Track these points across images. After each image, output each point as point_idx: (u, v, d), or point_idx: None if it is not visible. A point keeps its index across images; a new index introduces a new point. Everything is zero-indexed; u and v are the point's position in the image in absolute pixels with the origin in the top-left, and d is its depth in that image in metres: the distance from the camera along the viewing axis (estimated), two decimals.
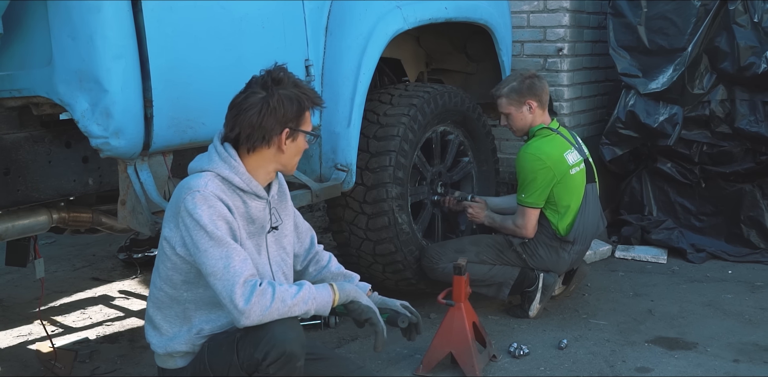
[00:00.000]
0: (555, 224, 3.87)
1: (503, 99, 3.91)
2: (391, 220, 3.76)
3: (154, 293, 2.48)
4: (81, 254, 5.43)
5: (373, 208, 3.74)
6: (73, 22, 2.67)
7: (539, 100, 3.88)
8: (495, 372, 3.35)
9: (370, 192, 3.74)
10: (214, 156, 2.45)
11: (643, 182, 5.25)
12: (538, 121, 3.91)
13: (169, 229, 2.39)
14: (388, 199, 3.73)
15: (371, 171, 3.73)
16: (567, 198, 3.85)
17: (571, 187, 3.86)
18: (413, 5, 3.80)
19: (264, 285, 2.27)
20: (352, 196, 3.76)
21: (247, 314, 2.23)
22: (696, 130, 4.97)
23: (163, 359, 2.51)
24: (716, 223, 5.05)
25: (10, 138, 2.92)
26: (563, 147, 3.87)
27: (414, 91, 3.94)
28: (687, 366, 3.38)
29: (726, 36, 4.73)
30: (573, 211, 3.87)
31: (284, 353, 2.25)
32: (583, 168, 3.91)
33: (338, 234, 3.92)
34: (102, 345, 3.76)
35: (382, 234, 3.78)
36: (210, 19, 2.99)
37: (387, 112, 3.83)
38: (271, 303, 2.24)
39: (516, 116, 3.91)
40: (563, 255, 3.91)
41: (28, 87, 2.83)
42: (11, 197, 2.92)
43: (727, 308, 4.08)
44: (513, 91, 3.87)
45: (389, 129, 3.77)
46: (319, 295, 2.37)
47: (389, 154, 3.74)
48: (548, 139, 3.88)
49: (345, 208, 3.81)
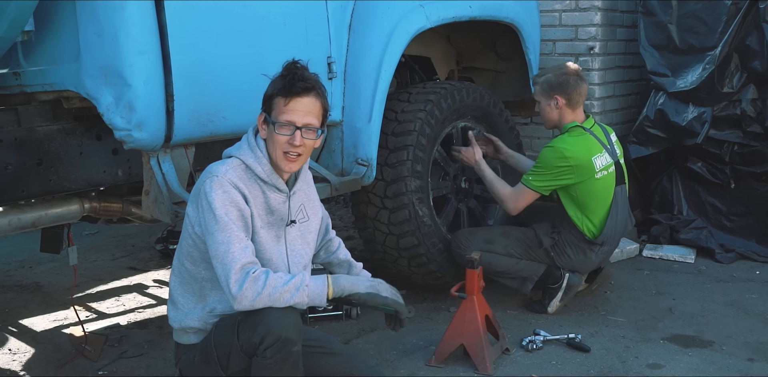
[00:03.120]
0: (582, 227, 3.88)
1: (537, 86, 3.95)
2: (411, 213, 3.82)
3: (177, 267, 2.63)
4: (121, 245, 5.62)
5: (394, 202, 3.81)
6: (99, 20, 2.81)
7: (568, 98, 3.86)
8: (507, 365, 3.40)
9: (390, 186, 3.81)
10: (244, 144, 2.58)
11: (674, 181, 5.23)
12: (568, 119, 3.90)
13: (192, 209, 2.54)
14: (408, 193, 3.80)
15: (390, 166, 3.81)
16: (594, 202, 3.86)
17: (596, 190, 3.85)
18: (436, 4, 3.86)
19: (258, 272, 2.38)
20: (374, 192, 3.84)
21: (239, 299, 2.35)
22: (727, 129, 4.93)
23: (178, 334, 2.66)
24: (747, 224, 5.01)
25: (43, 130, 3.07)
26: (593, 150, 3.83)
27: (431, 89, 4.01)
28: (700, 364, 3.39)
29: (756, 35, 4.68)
30: (601, 214, 3.88)
31: (279, 338, 2.36)
32: (612, 171, 3.89)
33: (363, 231, 4.01)
34: (132, 331, 3.92)
35: (404, 227, 3.85)
36: (231, 17, 3.10)
37: (404, 109, 3.90)
38: (261, 289, 2.35)
39: (543, 108, 3.93)
40: (591, 255, 3.94)
41: (58, 81, 2.99)
42: (44, 186, 3.07)
43: (750, 308, 4.06)
44: (546, 82, 3.89)
45: (406, 125, 3.84)
46: (312, 285, 2.45)
47: (407, 149, 3.81)
48: (581, 139, 3.85)
49: (368, 205, 3.89)
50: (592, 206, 3.87)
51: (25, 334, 3.92)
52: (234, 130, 3.14)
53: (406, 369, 3.36)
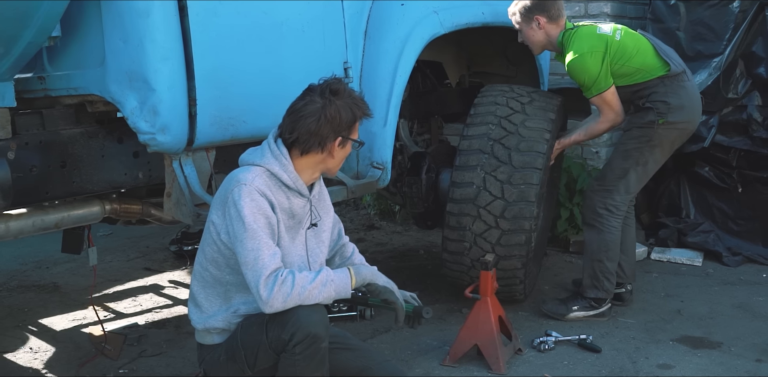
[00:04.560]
0: (652, 74, 3.78)
1: (515, 16, 3.94)
2: (527, 239, 3.73)
3: (199, 272, 2.70)
4: (135, 246, 5.69)
5: (512, 225, 3.70)
6: (124, 27, 2.87)
7: (548, 15, 3.86)
8: (519, 365, 3.47)
9: (511, 208, 3.70)
10: (267, 152, 2.64)
11: (682, 185, 5.30)
12: (555, 33, 3.90)
13: (217, 216, 2.60)
14: (529, 218, 3.70)
15: (514, 186, 3.70)
16: (631, 55, 3.77)
17: (628, 44, 3.79)
18: (450, 10, 3.93)
19: (285, 274, 2.45)
20: (487, 209, 3.73)
21: (270, 303, 2.43)
22: (735, 135, 5.00)
23: (201, 335, 2.72)
24: (753, 227, 5.07)
25: (67, 133, 3.13)
26: (592, 29, 3.85)
27: (543, 100, 3.97)
28: (709, 365, 3.45)
29: (762, 42, 4.77)
30: (651, 52, 3.81)
31: (309, 334, 2.44)
32: (623, 27, 3.87)
33: (453, 241, 3.85)
34: (150, 330, 3.99)
35: (514, 250, 3.75)
36: (252, 23, 3.16)
37: (527, 124, 3.82)
38: (291, 289, 2.42)
39: (526, 33, 3.94)
40: (686, 86, 3.83)
41: (83, 86, 3.05)
42: (67, 188, 3.13)
43: (758, 310, 4.13)
44: (524, 7, 3.89)
45: (533, 143, 3.75)
46: (337, 278, 2.54)
47: (536, 171, 3.71)
48: (576, 34, 3.83)
49: (475, 219, 3.75)
50: (639, 55, 3.79)
51: (45, 333, 3.99)
52: (254, 134, 3.22)
53: (421, 368, 3.43)
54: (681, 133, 3.87)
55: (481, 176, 3.75)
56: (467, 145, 3.86)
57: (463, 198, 3.76)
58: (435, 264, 5.05)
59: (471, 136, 3.88)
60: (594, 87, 3.77)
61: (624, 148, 3.88)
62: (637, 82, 3.81)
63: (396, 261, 5.12)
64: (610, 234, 3.89)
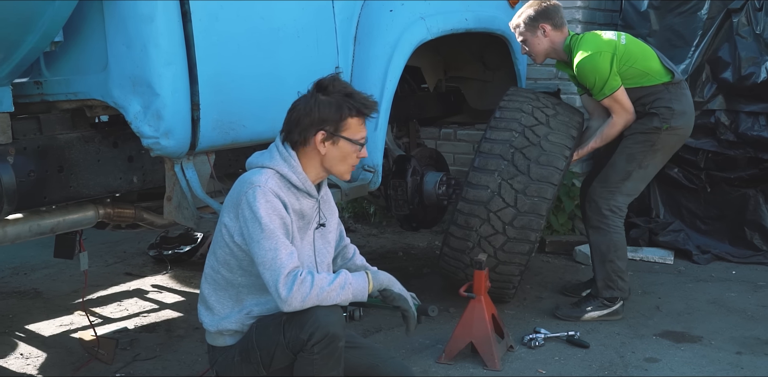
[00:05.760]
0: (656, 79, 3.91)
1: (519, 27, 4.04)
2: (531, 249, 3.79)
3: (210, 275, 2.72)
4: (112, 251, 5.67)
5: (519, 233, 3.75)
6: (128, 32, 2.89)
7: (552, 23, 3.98)
8: (513, 361, 3.57)
9: (521, 217, 3.74)
10: (276, 154, 2.68)
11: (652, 186, 5.44)
12: (560, 39, 4.01)
13: (230, 218, 2.63)
14: (536, 230, 3.75)
15: (528, 196, 3.73)
16: (636, 58, 3.90)
17: (633, 49, 3.92)
18: (436, 17, 4.01)
19: (304, 274, 2.50)
20: (497, 214, 3.76)
21: (289, 302, 2.47)
22: (703, 138, 5.16)
23: (213, 337, 2.74)
24: (721, 226, 5.26)
25: (64, 138, 3.13)
26: (597, 33, 3.96)
27: (565, 113, 4.01)
28: (692, 357, 3.59)
29: (728, 47, 4.95)
30: (654, 58, 3.94)
31: (327, 334, 2.49)
32: (626, 34, 4.01)
33: (458, 239, 3.88)
34: (141, 335, 3.99)
35: (515, 258, 3.82)
36: (251, 29, 3.21)
37: (547, 136, 3.83)
38: (310, 290, 2.47)
39: (532, 42, 4.04)
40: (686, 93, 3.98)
41: (83, 90, 3.06)
42: (64, 193, 3.13)
43: (731, 305, 4.29)
44: (528, 17, 3.99)
45: (552, 157, 3.77)
46: (355, 282, 2.59)
47: (552, 187, 3.73)
48: (584, 38, 3.95)
49: (483, 222, 3.78)
50: (644, 59, 3.92)
51: (34, 339, 3.97)
52: (253, 138, 3.27)
53: (418, 366, 3.50)
54: (680, 138, 4.03)
55: (498, 182, 3.76)
56: (488, 148, 3.84)
57: (475, 200, 3.78)
58: (415, 265, 5.15)
59: (493, 140, 3.86)
60: (606, 87, 3.85)
61: (629, 151, 3.99)
62: (642, 85, 3.92)
63: (375, 264, 5.09)
64: (617, 234, 4.01)
